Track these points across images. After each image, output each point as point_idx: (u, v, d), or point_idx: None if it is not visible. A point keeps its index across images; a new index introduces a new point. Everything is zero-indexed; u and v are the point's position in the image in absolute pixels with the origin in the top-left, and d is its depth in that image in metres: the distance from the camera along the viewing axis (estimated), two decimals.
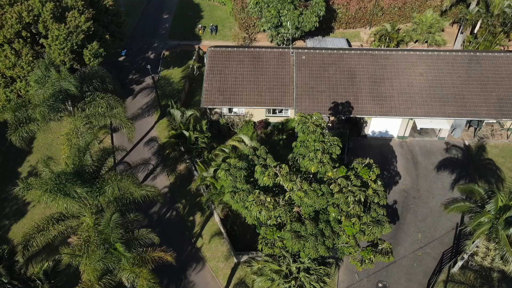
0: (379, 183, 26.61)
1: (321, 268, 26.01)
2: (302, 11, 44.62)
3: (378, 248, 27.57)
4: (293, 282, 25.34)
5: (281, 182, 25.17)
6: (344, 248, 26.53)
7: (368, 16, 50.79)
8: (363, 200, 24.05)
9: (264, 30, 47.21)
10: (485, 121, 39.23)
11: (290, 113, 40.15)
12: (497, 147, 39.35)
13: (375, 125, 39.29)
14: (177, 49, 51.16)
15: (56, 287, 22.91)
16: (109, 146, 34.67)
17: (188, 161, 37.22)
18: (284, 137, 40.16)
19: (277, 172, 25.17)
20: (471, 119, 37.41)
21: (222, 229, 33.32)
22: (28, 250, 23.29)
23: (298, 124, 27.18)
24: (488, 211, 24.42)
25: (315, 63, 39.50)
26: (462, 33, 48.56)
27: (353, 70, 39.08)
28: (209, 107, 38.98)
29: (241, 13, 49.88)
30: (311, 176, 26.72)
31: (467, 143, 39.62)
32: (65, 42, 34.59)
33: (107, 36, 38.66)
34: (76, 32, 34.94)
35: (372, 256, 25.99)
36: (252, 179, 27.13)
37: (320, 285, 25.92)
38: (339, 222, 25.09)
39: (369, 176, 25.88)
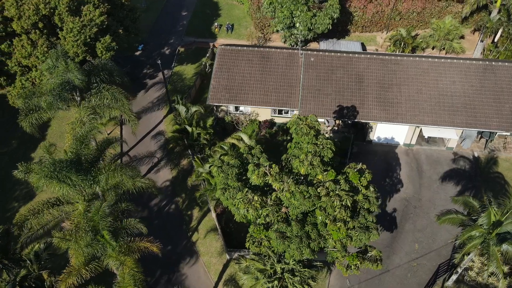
0: (371, 189, 26.34)
1: (305, 271, 25.94)
2: (315, 12, 44.43)
3: (367, 255, 27.33)
4: (276, 282, 25.42)
5: (270, 182, 25.30)
6: (332, 252, 26.41)
7: (385, 20, 49.99)
8: (349, 205, 23.82)
9: (277, 31, 47.27)
10: (497, 133, 37.93)
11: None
12: (508, 161, 37.98)
13: (381, 131, 38.69)
14: (192, 46, 51.96)
15: (46, 269, 23.79)
16: (111, 137, 35.49)
17: (190, 156, 37.81)
18: (289, 138, 40.10)
19: (266, 171, 25.32)
20: (481, 130, 36.25)
21: (217, 225, 33.72)
22: (23, 231, 24.39)
23: (292, 125, 27.22)
24: (480, 225, 23.71)
25: (323, 65, 39.28)
26: (482, 41, 47.05)
27: (361, 74, 38.63)
28: (215, 104, 39.45)
29: (257, 12, 50.13)
30: (302, 178, 26.69)
31: (476, 154, 38.43)
32: (78, 35, 35.84)
33: (120, 30, 39.75)
34: (90, 26, 36.17)
35: (358, 263, 25.71)
36: (244, 178, 27.40)
37: (304, 287, 25.89)
38: (326, 225, 24.99)
39: (360, 182, 25.68)
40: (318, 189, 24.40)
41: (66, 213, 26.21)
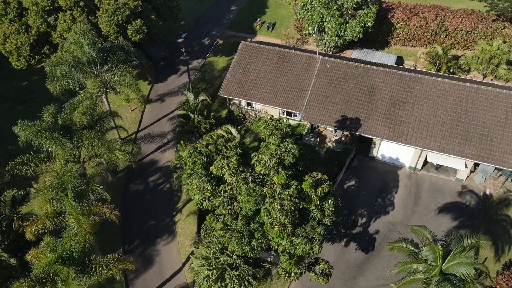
0: (331, 202, 25.76)
1: (246, 267, 26.28)
2: (348, 19, 43.39)
3: (316, 267, 26.89)
4: (214, 271, 26.17)
5: (225, 175, 26.03)
6: (281, 256, 26.41)
7: (429, 36, 46.95)
8: (290, 210, 23.61)
9: (309, 34, 46.99)
10: None
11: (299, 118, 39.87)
12: None
13: (386, 149, 36.92)
14: (231, 40, 53.67)
15: (18, 214, 27.15)
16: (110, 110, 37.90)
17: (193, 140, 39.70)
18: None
19: (223, 164, 26.08)
20: (493, 165, 32.93)
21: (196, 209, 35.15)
22: (11, 177, 28.08)
23: (262, 124, 27.55)
24: (425, 260, 22.09)
25: (337, 73, 38.46)
26: None
27: (374, 87, 37.14)
28: (225, 96, 40.75)
29: (296, 14, 50.19)
30: (262, 177, 26.93)
31: (488, 192, 34.96)
32: (112, 16, 39.41)
33: (153, 16, 42.70)
34: (123, 9, 39.54)
35: (298, 271, 25.42)
36: None
37: (243, 283, 26.28)
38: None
39: (316, 192, 25.16)
40: (264, 190, 24.60)
41: (52, 171, 29.56)
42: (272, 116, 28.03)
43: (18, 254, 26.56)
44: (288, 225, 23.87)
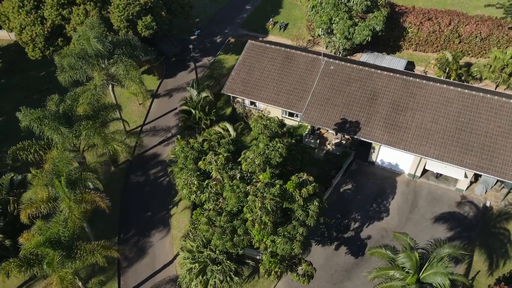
0: (316, 203, 25.70)
1: (228, 263, 26.52)
2: (357, 22, 42.98)
3: (298, 267, 26.92)
4: (196, 265, 26.57)
5: (212, 171, 26.38)
6: (264, 254, 26.59)
7: (442, 42, 45.91)
8: (270, 209, 23.71)
9: (318, 35, 46.80)
10: None
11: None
12: None
13: (385, 155, 36.43)
14: (243, 39, 53.92)
15: (16, 196, 28.36)
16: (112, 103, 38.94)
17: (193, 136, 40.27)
18: (293, 141, 39.99)
19: (211, 160, 26.45)
20: (493, 177, 31.98)
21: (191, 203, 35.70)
22: (12, 161, 29.39)
23: (253, 122, 27.75)
24: (403, 267, 21.80)
25: (341, 75, 38.19)
26: None
27: (376, 91, 36.70)
28: (229, 94, 41.14)
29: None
30: (249, 174, 27.12)
31: (489, 204, 33.97)
32: (123, 11, 40.47)
33: (163, 13, 43.55)
34: (134, 4, 40.54)
35: (278, 270, 25.52)
36: None
37: (225, 279, 26.55)
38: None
39: (300, 192, 25.15)
40: (247, 187, 24.80)
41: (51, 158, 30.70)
42: (264, 115, 28.15)
43: (14, 236, 27.74)
44: (268, 224, 24.01)
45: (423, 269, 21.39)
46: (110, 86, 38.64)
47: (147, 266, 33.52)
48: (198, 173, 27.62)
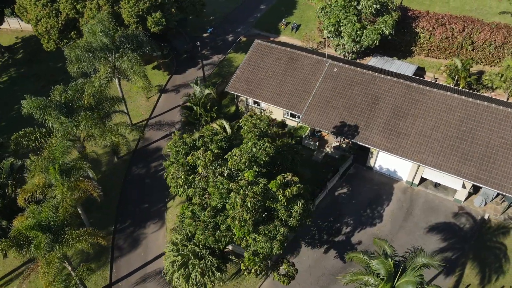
0: (300, 204, 25.71)
1: (211, 258, 26.83)
2: (366, 25, 42.49)
3: (280, 267, 27.01)
4: (179, 257, 27.02)
5: (199, 167, 26.76)
6: (245, 252, 26.78)
7: (455, 48, 44.76)
8: (250, 207, 23.86)
9: (327, 37, 46.50)
10: None
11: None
12: None
13: (383, 161, 35.91)
14: (254, 38, 54.19)
15: (15, 180, 29.61)
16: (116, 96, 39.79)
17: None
18: (293, 142, 40.01)
19: (199, 156, 26.84)
20: (491, 189, 31.02)
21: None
22: (14, 146, 30.70)
23: (243, 120, 27.98)
24: (378, 274, 21.55)
25: (343, 78, 37.89)
26: None
27: (378, 96, 36.21)
28: (232, 92, 41.48)
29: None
30: (236, 172, 27.35)
31: (487, 216, 32.98)
32: (133, 7, 41.45)
33: (173, 10, 44.29)
34: (144, 1, 41.45)
35: (258, 268, 25.65)
36: None
37: (207, 273, 26.87)
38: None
39: (283, 192, 25.18)
40: (230, 184, 25.03)
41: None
42: (255, 114, 28.34)
43: (10, 218, 28.95)
44: (249, 221, 24.18)
45: (398, 277, 21.09)
46: (117, 79, 39.69)
47: (139, 256, 34.28)
48: (188, 167, 28.09)
